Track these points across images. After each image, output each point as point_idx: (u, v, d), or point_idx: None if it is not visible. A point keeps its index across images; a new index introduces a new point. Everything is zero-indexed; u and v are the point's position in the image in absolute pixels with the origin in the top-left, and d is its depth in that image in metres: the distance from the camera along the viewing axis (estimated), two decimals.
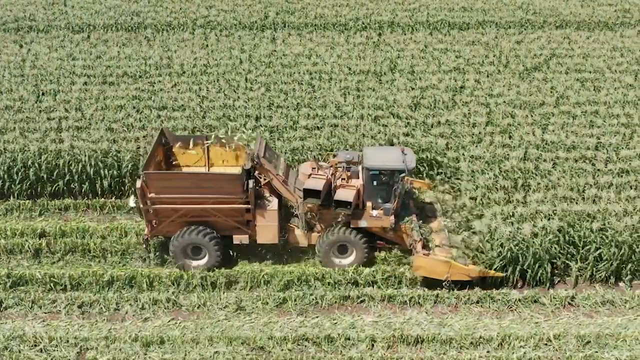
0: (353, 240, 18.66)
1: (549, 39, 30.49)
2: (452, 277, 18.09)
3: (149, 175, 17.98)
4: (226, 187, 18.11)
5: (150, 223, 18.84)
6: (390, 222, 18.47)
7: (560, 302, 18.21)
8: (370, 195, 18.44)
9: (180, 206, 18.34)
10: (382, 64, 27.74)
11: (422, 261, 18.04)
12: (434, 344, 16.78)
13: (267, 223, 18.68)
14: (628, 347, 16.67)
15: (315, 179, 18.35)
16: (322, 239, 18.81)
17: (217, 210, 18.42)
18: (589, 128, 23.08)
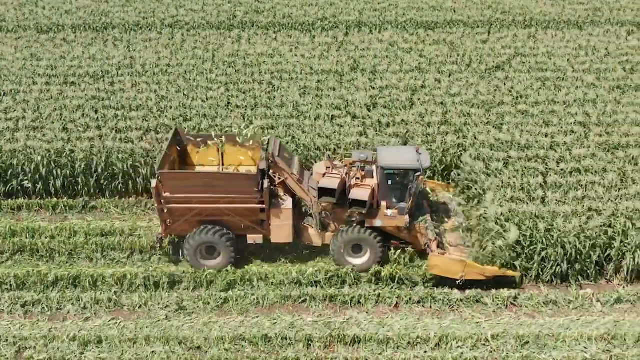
0: (368, 240, 18.63)
1: (514, 38, 30.34)
2: (467, 276, 18.07)
3: (164, 175, 18.05)
4: (241, 187, 18.15)
5: (164, 222, 18.85)
6: (405, 221, 18.43)
7: (502, 302, 18.14)
8: (385, 195, 18.44)
9: (195, 205, 18.36)
10: (344, 63, 27.62)
11: (437, 260, 18.05)
12: (371, 344, 16.74)
13: (281, 222, 18.69)
14: (568, 348, 16.62)
15: (330, 178, 18.40)
16: (336, 239, 18.77)
17: (231, 209, 18.45)
18: (545, 127, 22.95)
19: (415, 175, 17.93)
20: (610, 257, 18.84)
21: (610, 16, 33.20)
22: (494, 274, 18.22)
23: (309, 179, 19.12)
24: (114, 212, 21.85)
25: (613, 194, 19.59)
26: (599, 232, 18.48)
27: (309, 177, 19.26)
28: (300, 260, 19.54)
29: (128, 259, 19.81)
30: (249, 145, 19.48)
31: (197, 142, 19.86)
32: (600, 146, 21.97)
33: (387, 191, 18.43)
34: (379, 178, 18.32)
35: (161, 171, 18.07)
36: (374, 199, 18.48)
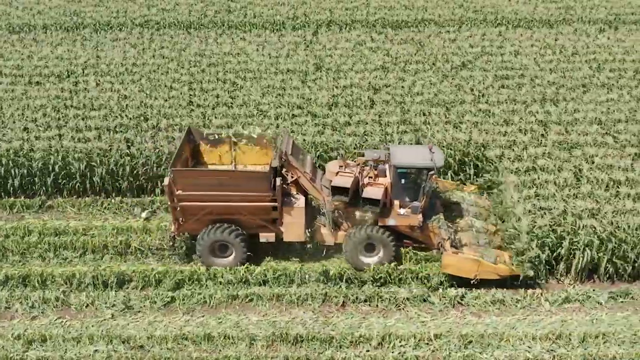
0: (381, 239, 18.56)
1: (483, 37, 30.28)
2: (481, 275, 17.99)
3: (177, 173, 18.03)
4: (254, 185, 18.14)
5: (177, 220, 18.86)
6: (418, 220, 18.39)
7: (449, 302, 18.08)
8: (398, 193, 18.41)
9: (207, 204, 18.34)
10: (309, 62, 27.61)
11: (451, 259, 18.01)
12: (313, 343, 16.66)
13: (293, 221, 18.68)
14: (511, 347, 16.50)
15: (343, 176, 18.36)
16: (349, 238, 18.71)
17: (244, 208, 18.43)
18: (504, 126, 22.89)
19: (428, 174, 17.91)
20: (560, 256, 18.78)
21: (583, 14, 33.12)
22: (508, 273, 18.11)
23: (321, 178, 19.16)
24: (70, 212, 21.89)
25: (565, 192, 19.61)
26: (547, 231, 18.44)
27: (321, 175, 19.30)
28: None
29: (80, 258, 19.75)
30: (261, 144, 19.56)
31: (210, 141, 19.86)
32: (560, 145, 21.97)
33: (400, 190, 18.42)
34: (392, 177, 18.31)
35: (174, 169, 18.04)
36: (387, 197, 18.42)
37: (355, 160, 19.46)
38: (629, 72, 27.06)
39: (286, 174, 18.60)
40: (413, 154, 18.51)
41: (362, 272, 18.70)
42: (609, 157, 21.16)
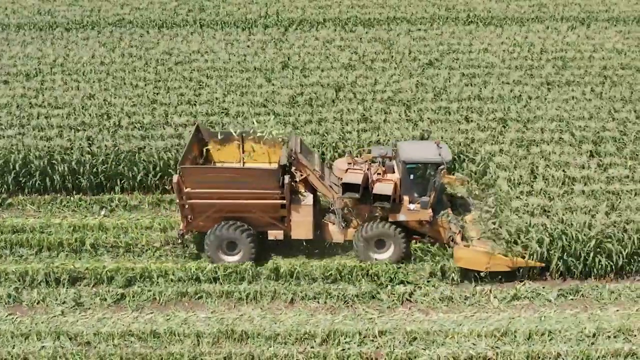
0: (392, 235, 18.64)
1: (452, 35, 30.32)
2: (492, 268, 18.11)
3: (185, 170, 18.10)
4: (262, 182, 18.19)
5: (185, 218, 18.92)
6: (429, 215, 18.48)
7: (398, 298, 18.10)
8: (407, 189, 18.49)
9: (216, 201, 18.41)
10: (276, 60, 27.68)
11: (463, 252, 18.13)
12: (258, 340, 16.68)
13: (302, 219, 18.71)
14: (456, 345, 16.48)
15: (353, 173, 18.41)
16: (359, 234, 18.76)
17: (252, 205, 18.50)
18: (463, 124, 22.94)
19: (438, 169, 18.02)
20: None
21: (555, 12, 33.12)
22: (519, 265, 18.21)
23: (329, 175, 19.23)
24: (29, 209, 21.94)
25: (518, 190, 19.63)
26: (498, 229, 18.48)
27: (329, 173, 19.37)
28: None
29: (36, 256, 19.78)
30: (269, 142, 19.62)
31: (219, 139, 19.92)
32: (520, 142, 21.99)
33: (410, 186, 18.50)
34: (402, 173, 18.34)
35: (182, 166, 18.10)
36: (397, 193, 18.48)
37: (363, 156, 19.53)
38: (595, 69, 27.10)
39: (295, 172, 18.64)
40: (421, 149, 18.59)
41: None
42: (566, 154, 21.22)
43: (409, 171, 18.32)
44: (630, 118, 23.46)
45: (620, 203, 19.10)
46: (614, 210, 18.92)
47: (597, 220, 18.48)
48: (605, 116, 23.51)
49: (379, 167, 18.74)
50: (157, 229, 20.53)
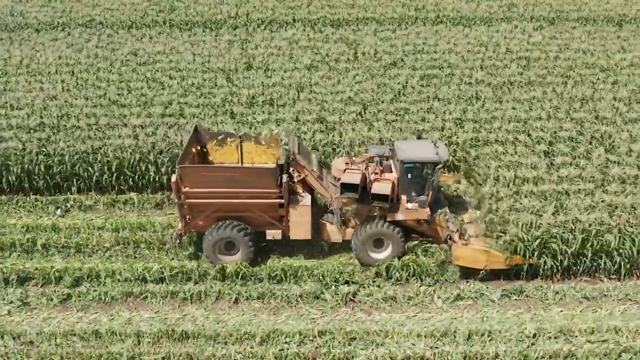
0: (390, 234, 18.74)
1: (418, 35, 30.32)
2: (490, 265, 18.17)
3: (184, 170, 18.15)
4: (260, 182, 18.26)
5: (184, 218, 18.97)
6: (427, 214, 18.57)
7: (341, 299, 18.14)
8: (405, 188, 18.54)
9: (214, 201, 18.46)
10: (239, 61, 27.75)
11: (461, 251, 18.23)
12: (198, 340, 16.73)
13: (300, 219, 18.77)
14: (395, 345, 16.50)
15: (351, 173, 18.50)
16: (358, 234, 18.84)
17: (250, 205, 18.55)
18: (419, 124, 22.96)
19: (435, 168, 18.11)
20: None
21: (525, 12, 33.11)
22: (517, 263, 18.25)
23: (326, 176, 19.33)
24: None
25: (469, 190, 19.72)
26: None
27: (327, 173, 19.48)
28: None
29: None
30: (267, 143, 19.71)
31: (217, 140, 19.97)
32: (474, 143, 22.02)
33: (407, 185, 18.55)
34: (399, 172, 18.42)
35: (181, 165, 18.17)
36: (395, 193, 18.56)
37: (360, 156, 19.62)
38: (558, 69, 27.13)
39: (293, 172, 18.71)
40: (419, 148, 18.66)
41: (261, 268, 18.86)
42: (519, 155, 21.24)
43: (406, 170, 18.39)
44: (589, 118, 23.51)
45: (569, 203, 19.18)
46: (561, 210, 19.01)
47: (544, 220, 18.58)
48: (562, 116, 23.54)
49: (377, 167, 18.79)
50: (109, 229, 20.62)
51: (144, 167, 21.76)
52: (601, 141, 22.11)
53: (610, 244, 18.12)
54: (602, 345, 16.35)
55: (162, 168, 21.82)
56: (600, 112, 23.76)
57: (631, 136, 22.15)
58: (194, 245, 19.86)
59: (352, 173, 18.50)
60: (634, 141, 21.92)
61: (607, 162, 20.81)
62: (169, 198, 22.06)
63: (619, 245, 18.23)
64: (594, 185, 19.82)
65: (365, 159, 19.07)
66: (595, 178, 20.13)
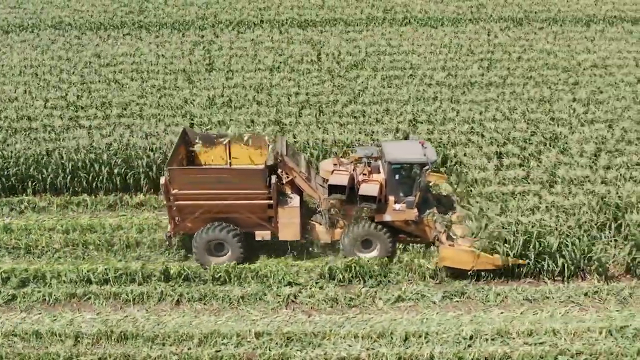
0: (378, 235, 18.84)
1: (382, 36, 30.36)
2: (478, 266, 18.21)
3: (173, 171, 18.25)
4: (249, 183, 18.36)
5: (173, 220, 19.08)
6: (415, 215, 18.66)
7: (283, 300, 18.19)
8: (393, 189, 18.63)
9: (203, 202, 18.56)
10: (200, 62, 27.86)
11: (448, 252, 18.28)
12: (137, 341, 16.78)
13: (288, 220, 18.89)
14: (332, 346, 16.56)
15: (339, 174, 18.55)
16: (346, 234, 18.96)
17: (239, 206, 18.66)
18: (374, 125, 23.00)
19: (423, 169, 18.19)
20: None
21: (493, 12, 33.07)
22: (505, 263, 18.23)
23: (315, 177, 19.43)
24: None
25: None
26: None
27: (316, 174, 19.58)
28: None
29: None
30: (256, 145, 19.87)
31: (206, 142, 20.12)
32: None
33: (395, 186, 18.63)
34: (387, 173, 18.48)
35: (169, 167, 18.27)
36: (382, 194, 18.66)
37: (348, 157, 19.63)
38: (520, 70, 27.15)
39: (282, 174, 18.82)
40: (406, 149, 18.71)
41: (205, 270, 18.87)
42: (470, 156, 21.29)
43: (394, 171, 18.46)
44: (544, 119, 23.53)
45: (513, 204, 19.21)
46: (506, 211, 19.04)
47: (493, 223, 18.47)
48: (518, 117, 23.57)
49: (365, 168, 18.84)
50: (60, 231, 20.73)
51: (98, 168, 21.91)
52: (554, 142, 22.17)
53: (552, 245, 18.19)
54: (539, 348, 16.36)
55: (116, 169, 21.93)
56: (557, 114, 23.76)
57: (585, 137, 22.18)
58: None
59: (340, 174, 18.55)
60: (586, 142, 21.95)
61: (557, 164, 20.88)
62: (121, 200, 22.43)
63: (562, 246, 18.32)
64: (539, 187, 19.92)
65: (353, 160, 19.08)
66: (541, 179, 20.22)
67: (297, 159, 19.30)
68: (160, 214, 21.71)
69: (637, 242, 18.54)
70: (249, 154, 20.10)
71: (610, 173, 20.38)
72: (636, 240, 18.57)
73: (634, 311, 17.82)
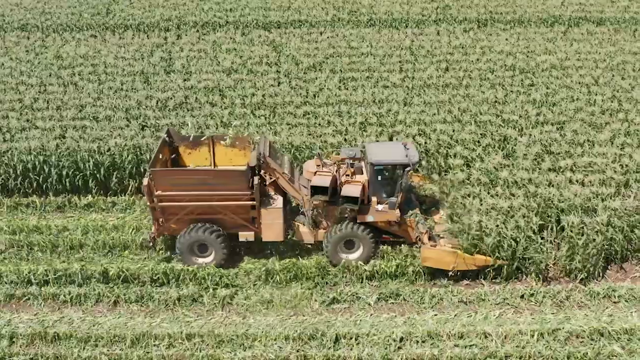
0: (360, 235, 18.95)
1: (343, 38, 30.45)
2: (459, 267, 18.33)
3: (156, 173, 18.35)
4: (231, 184, 18.49)
5: (157, 221, 19.18)
6: (397, 215, 18.78)
7: (219, 302, 18.28)
8: (375, 190, 18.78)
9: (187, 203, 18.67)
10: (162, 63, 28.00)
11: (430, 252, 18.38)
12: (70, 342, 16.90)
13: (271, 221, 18.98)
14: (263, 348, 16.64)
15: (322, 175, 18.68)
16: (329, 235, 19.07)
17: (222, 207, 18.79)
18: (326, 127, 23.11)
19: (405, 170, 18.33)
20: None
21: (458, 14, 33.06)
22: (485, 264, 18.41)
23: (299, 178, 19.55)
24: None
25: None
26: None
27: (299, 175, 19.71)
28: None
29: None
30: (240, 146, 20.01)
31: (189, 143, 20.26)
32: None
33: (377, 187, 18.80)
34: (369, 174, 18.64)
35: (152, 169, 18.36)
36: (365, 194, 18.79)
37: (331, 158, 19.72)
38: (477, 72, 27.21)
39: (265, 175, 18.93)
40: (389, 151, 18.87)
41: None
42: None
43: (376, 173, 18.62)
44: (494, 121, 23.55)
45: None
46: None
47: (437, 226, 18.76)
48: (469, 119, 23.59)
49: (348, 169, 18.96)
50: (7, 232, 20.78)
51: (47, 170, 22.05)
52: (502, 144, 22.21)
53: (489, 246, 18.24)
54: (468, 350, 16.45)
55: (64, 171, 22.10)
56: (508, 115, 23.83)
57: (534, 140, 22.19)
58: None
59: (323, 175, 18.66)
60: (534, 144, 21.97)
61: (500, 166, 20.94)
62: (69, 201, 22.59)
63: (498, 248, 18.37)
64: (480, 189, 20.00)
65: (336, 161, 19.18)
66: (481, 181, 20.30)
67: (281, 159, 19.44)
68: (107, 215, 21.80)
69: (574, 244, 18.69)
70: (234, 154, 20.17)
71: (554, 175, 20.40)
72: (573, 242, 18.71)
73: (570, 314, 17.95)
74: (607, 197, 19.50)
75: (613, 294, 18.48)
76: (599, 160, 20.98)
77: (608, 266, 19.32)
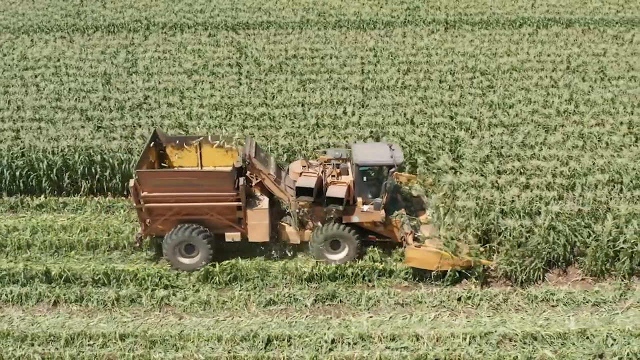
0: (346, 236, 19.22)
1: (308, 39, 30.53)
2: (442, 267, 18.51)
3: (142, 174, 18.59)
4: (217, 185, 18.75)
5: (143, 222, 19.42)
6: (381, 216, 19.00)
7: (157, 302, 18.27)
8: (361, 191, 19.03)
9: (173, 204, 18.93)
10: (125, 65, 28.17)
11: (414, 253, 18.58)
12: (7, 340, 17.01)
13: (257, 222, 19.25)
14: (195, 348, 16.76)
15: (307, 176, 19.00)
16: (315, 236, 19.32)
17: (208, 207, 19.02)
18: (278, 129, 23.20)
19: (389, 171, 18.55)
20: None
21: (427, 16, 33.02)
22: (469, 264, 18.59)
23: (285, 178, 19.78)
24: None
25: None
26: None
27: (285, 176, 19.92)
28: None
29: None
30: (226, 147, 20.23)
31: (177, 144, 20.47)
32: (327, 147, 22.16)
33: (363, 187, 19.02)
34: (355, 175, 18.87)
35: (138, 170, 18.62)
36: (350, 195, 19.03)
37: (318, 159, 19.95)
38: (437, 74, 27.22)
39: (251, 176, 19.18)
40: (374, 152, 19.07)
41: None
42: None
43: (361, 173, 18.82)
44: (448, 123, 23.55)
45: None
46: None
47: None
48: (422, 120, 23.61)
49: (334, 170, 19.18)
50: None
51: (0, 170, 22.29)
52: (453, 146, 22.23)
53: None
54: (398, 353, 16.53)
55: (17, 171, 22.35)
56: (462, 117, 23.84)
57: (484, 142, 22.18)
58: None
59: (308, 176, 18.93)
60: (485, 146, 21.96)
61: (448, 169, 20.96)
62: (22, 202, 22.85)
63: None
64: (423, 192, 20.05)
65: (322, 162, 19.38)
66: (424, 184, 20.34)
67: (267, 160, 19.64)
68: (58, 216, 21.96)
69: (512, 247, 18.70)
70: (221, 155, 20.35)
71: (497, 178, 20.42)
72: (511, 245, 18.72)
73: (506, 317, 18.01)
74: (550, 201, 19.56)
75: (551, 298, 18.56)
76: (546, 163, 21.00)
77: (549, 270, 19.38)
